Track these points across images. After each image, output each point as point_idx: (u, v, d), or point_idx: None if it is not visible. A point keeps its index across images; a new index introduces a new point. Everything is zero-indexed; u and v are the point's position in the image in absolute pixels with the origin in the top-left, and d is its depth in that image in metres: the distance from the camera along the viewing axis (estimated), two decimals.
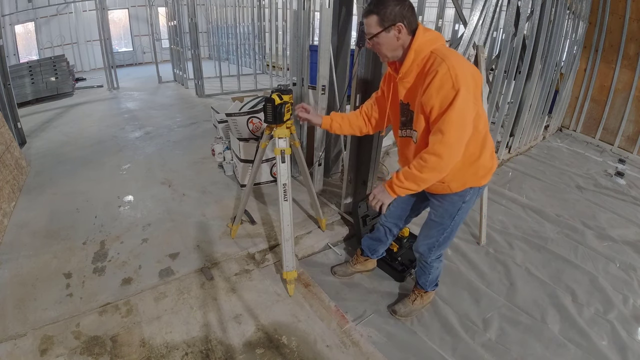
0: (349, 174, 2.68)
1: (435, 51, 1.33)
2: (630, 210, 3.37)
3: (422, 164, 1.35)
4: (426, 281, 1.95)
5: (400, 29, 1.35)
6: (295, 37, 2.83)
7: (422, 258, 1.86)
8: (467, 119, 1.31)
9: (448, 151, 1.31)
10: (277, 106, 1.95)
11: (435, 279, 1.96)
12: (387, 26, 1.35)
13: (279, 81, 7.60)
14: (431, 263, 1.86)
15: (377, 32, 1.37)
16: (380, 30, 1.36)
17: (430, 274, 1.91)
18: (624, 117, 4.88)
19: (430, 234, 1.76)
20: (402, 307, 1.99)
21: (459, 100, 1.26)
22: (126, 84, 7.77)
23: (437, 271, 1.93)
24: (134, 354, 1.67)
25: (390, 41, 1.38)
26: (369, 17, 1.37)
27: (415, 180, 1.38)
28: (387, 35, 1.37)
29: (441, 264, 1.92)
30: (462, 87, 1.25)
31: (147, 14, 9.58)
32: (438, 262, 1.88)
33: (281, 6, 7.96)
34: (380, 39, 1.38)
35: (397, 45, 1.39)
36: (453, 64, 1.27)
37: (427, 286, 1.97)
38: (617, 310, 2.13)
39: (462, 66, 1.28)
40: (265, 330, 1.83)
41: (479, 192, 1.62)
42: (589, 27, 5.13)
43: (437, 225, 1.70)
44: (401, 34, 1.36)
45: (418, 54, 1.36)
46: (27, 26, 8.74)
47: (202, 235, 2.54)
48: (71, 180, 3.29)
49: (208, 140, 4.22)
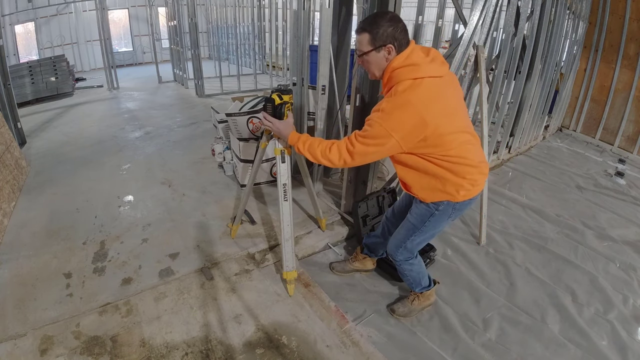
0: (349, 174, 2.68)
1: (402, 84, 1.37)
2: (630, 210, 3.37)
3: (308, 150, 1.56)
4: (409, 283, 1.95)
5: (390, 50, 1.39)
6: (295, 37, 2.83)
7: (390, 256, 1.87)
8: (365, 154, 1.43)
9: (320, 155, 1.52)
10: (277, 106, 1.95)
11: (416, 280, 1.92)
12: (378, 46, 1.40)
13: (279, 81, 7.61)
14: (400, 264, 1.85)
15: (368, 51, 1.43)
16: (371, 49, 1.41)
17: (406, 276, 1.90)
18: (624, 117, 4.88)
19: (400, 232, 1.78)
20: (400, 307, 2.00)
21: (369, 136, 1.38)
22: (126, 84, 7.77)
23: (412, 273, 1.89)
24: (134, 354, 1.67)
25: (379, 60, 1.43)
26: (362, 34, 1.42)
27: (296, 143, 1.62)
28: (377, 55, 1.42)
29: (414, 267, 1.87)
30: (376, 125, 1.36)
31: (147, 14, 9.58)
32: (408, 264, 1.84)
33: (281, 6, 7.96)
34: (370, 58, 1.44)
35: (382, 64, 1.44)
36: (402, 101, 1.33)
37: (413, 287, 1.96)
38: (617, 310, 2.13)
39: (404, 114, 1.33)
40: (265, 330, 1.83)
41: (456, 206, 1.59)
42: (589, 27, 5.13)
43: (408, 224, 1.72)
44: (390, 55, 1.41)
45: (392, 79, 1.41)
46: (27, 26, 8.74)
47: (202, 235, 2.54)
48: (71, 180, 3.29)
49: (208, 140, 4.22)
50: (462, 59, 2.68)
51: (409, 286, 1.99)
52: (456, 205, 1.58)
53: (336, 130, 3.11)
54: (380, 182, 3.20)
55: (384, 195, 2.62)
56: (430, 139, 1.37)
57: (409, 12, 7.05)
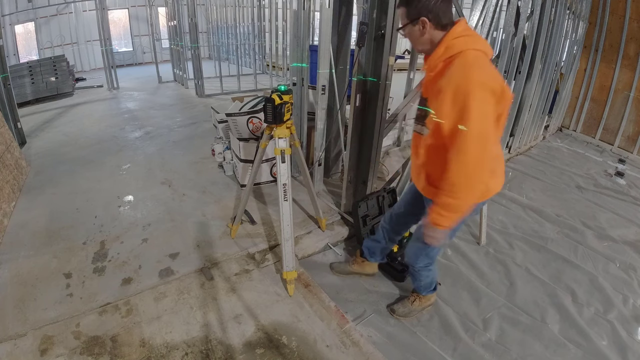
0: (349, 174, 2.68)
1: (464, 54, 1.27)
2: (630, 210, 3.37)
3: (452, 190, 1.30)
4: (419, 286, 1.95)
5: (424, 23, 1.33)
6: (295, 37, 2.83)
7: (409, 264, 1.86)
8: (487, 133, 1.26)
9: (472, 169, 1.27)
10: (277, 106, 1.95)
11: (428, 285, 1.94)
12: (412, 19, 1.35)
13: (279, 81, 7.60)
14: (419, 271, 1.84)
15: (404, 25, 1.40)
16: (406, 23, 1.38)
17: (420, 281, 1.90)
18: (624, 117, 4.88)
19: (418, 240, 1.72)
20: (400, 307, 2.00)
21: (474, 115, 1.21)
22: (126, 84, 7.77)
23: (428, 279, 1.90)
24: (134, 354, 1.67)
25: (416, 34, 1.38)
26: (399, 8, 1.40)
27: (455, 208, 1.34)
28: (413, 29, 1.37)
29: (431, 273, 1.88)
30: (477, 101, 1.20)
31: (147, 14, 9.59)
32: (426, 270, 1.84)
33: (281, 6, 7.96)
34: (406, 31, 1.40)
35: (423, 39, 1.37)
36: (473, 75, 1.22)
37: (421, 290, 1.96)
38: (617, 310, 2.13)
39: (484, 78, 1.22)
40: (265, 330, 1.83)
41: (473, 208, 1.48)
42: (589, 27, 5.13)
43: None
44: (426, 29, 1.34)
45: (448, 50, 1.31)
46: (27, 26, 8.74)
47: (202, 235, 2.54)
48: (71, 180, 3.29)
49: (208, 140, 4.22)
50: None
51: (416, 289, 1.97)
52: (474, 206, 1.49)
53: (336, 130, 3.11)
54: (380, 182, 3.20)
55: (384, 195, 2.62)
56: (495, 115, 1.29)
57: None
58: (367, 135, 2.53)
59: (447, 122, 1.28)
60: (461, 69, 1.25)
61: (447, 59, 1.31)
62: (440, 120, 1.30)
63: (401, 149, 4.35)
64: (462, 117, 1.23)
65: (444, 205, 1.35)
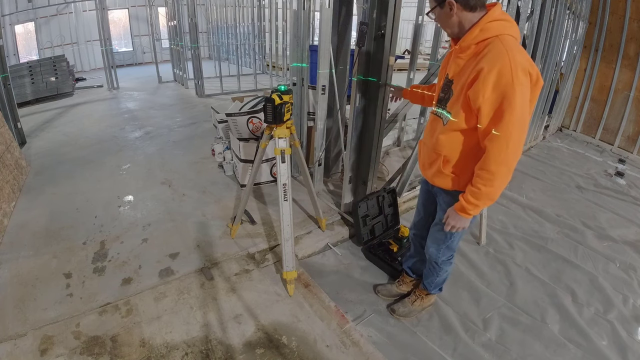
0: (349, 174, 2.67)
1: (501, 38, 1.24)
2: (630, 210, 3.37)
3: (490, 178, 1.28)
4: (432, 283, 1.92)
5: (452, 5, 1.29)
6: (295, 37, 2.83)
7: (432, 260, 1.83)
8: (527, 119, 1.24)
9: (513, 157, 1.25)
10: (277, 106, 1.95)
11: (441, 282, 1.93)
12: (440, 2, 1.33)
13: (279, 81, 7.60)
14: (441, 265, 1.82)
15: (432, 7, 1.38)
16: (435, 6, 1.36)
17: (439, 276, 1.88)
18: (624, 117, 4.88)
19: (437, 234, 1.73)
20: (401, 307, 1.99)
21: (518, 100, 1.18)
22: (126, 84, 7.77)
23: (446, 274, 1.90)
24: (134, 354, 1.67)
25: (444, 16, 1.35)
26: None
27: (488, 196, 1.33)
28: (441, 11, 1.35)
29: (451, 267, 1.87)
30: (521, 85, 1.18)
31: (147, 14, 9.59)
32: (448, 264, 1.83)
33: (281, 6, 7.96)
34: (436, 14, 1.38)
35: (452, 21, 1.34)
36: (516, 58, 1.19)
37: (431, 288, 1.94)
38: (617, 310, 2.13)
39: (525, 63, 1.20)
40: (265, 330, 1.83)
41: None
42: (589, 27, 5.13)
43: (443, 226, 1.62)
44: (453, 10, 1.30)
45: (483, 32, 1.28)
46: (27, 26, 8.74)
47: (202, 235, 2.54)
48: (71, 180, 3.29)
49: (208, 140, 4.22)
50: None
51: (427, 286, 1.95)
52: None
53: (336, 130, 3.11)
54: (380, 182, 3.20)
55: (384, 195, 2.62)
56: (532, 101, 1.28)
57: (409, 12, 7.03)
58: (367, 135, 2.53)
59: (486, 106, 1.24)
60: (504, 53, 1.21)
61: (481, 42, 1.29)
62: (476, 103, 1.26)
63: (401, 149, 4.35)
64: (505, 101, 1.20)
65: (477, 194, 1.33)
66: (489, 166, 1.28)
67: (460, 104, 1.34)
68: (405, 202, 3.05)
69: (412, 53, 3.98)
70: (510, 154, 1.25)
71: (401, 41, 13.62)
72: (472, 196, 1.35)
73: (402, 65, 7.82)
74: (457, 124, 1.38)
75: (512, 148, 1.24)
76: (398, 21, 2.20)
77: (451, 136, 1.43)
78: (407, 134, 4.64)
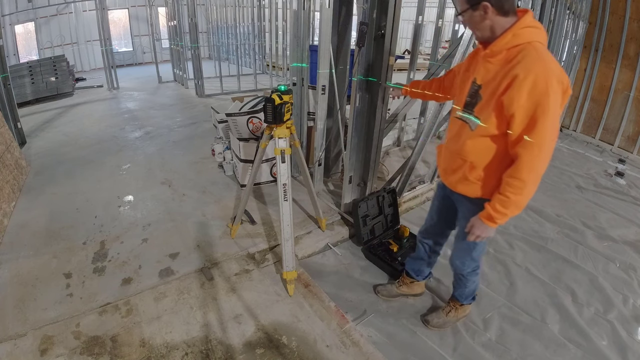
0: (349, 174, 2.67)
1: (534, 45, 1.24)
2: (630, 210, 3.37)
3: (521, 186, 1.28)
4: (462, 294, 1.89)
5: (486, 9, 1.26)
6: (295, 37, 2.83)
7: (457, 272, 1.81)
8: (557, 127, 1.25)
9: (543, 165, 1.25)
10: (277, 106, 1.95)
11: (472, 292, 1.90)
12: (473, 4, 1.29)
13: (279, 81, 7.60)
14: (467, 277, 1.79)
15: (465, 10, 1.33)
16: (467, 8, 1.31)
17: (467, 287, 1.85)
18: (624, 117, 4.89)
19: (461, 245, 1.70)
20: (435, 318, 1.94)
21: (552, 108, 1.18)
22: (126, 84, 7.77)
23: (474, 285, 1.86)
24: (134, 354, 1.67)
25: (476, 20, 1.32)
26: None
27: (517, 204, 1.32)
28: (473, 14, 1.31)
29: (477, 277, 1.84)
30: (555, 94, 1.19)
31: (147, 14, 9.58)
32: (474, 275, 1.79)
33: (281, 6, 7.96)
34: (466, 17, 1.34)
35: (484, 25, 1.31)
36: (551, 67, 1.19)
37: (462, 299, 1.91)
38: (617, 310, 2.13)
39: (558, 72, 1.21)
40: (265, 330, 1.83)
41: None
42: (589, 27, 5.13)
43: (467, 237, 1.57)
44: (487, 14, 1.28)
45: (515, 38, 1.27)
46: (27, 26, 8.73)
47: (202, 235, 2.54)
48: (71, 180, 3.29)
49: (208, 140, 4.22)
50: (462, 59, 2.68)
51: (457, 297, 1.91)
52: None
53: (336, 130, 3.11)
54: (380, 182, 3.20)
55: (384, 195, 2.62)
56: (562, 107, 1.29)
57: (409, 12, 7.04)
58: (367, 135, 2.53)
59: (519, 113, 1.23)
60: (539, 60, 1.20)
61: (513, 48, 1.27)
62: (510, 110, 1.24)
63: (401, 149, 4.35)
64: (539, 109, 1.20)
65: (505, 202, 1.32)
66: (521, 174, 1.27)
67: (491, 109, 1.32)
68: (405, 202, 3.05)
69: (412, 53, 3.99)
70: (541, 161, 1.25)
71: (401, 41, 13.61)
72: (500, 205, 1.34)
73: (402, 65, 7.82)
74: (486, 129, 1.35)
75: (543, 156, 1.24)
76: (398, 21, 2.20)
77: (479, 142, 1.40)
78: (407, 134, 4.64)
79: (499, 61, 1.31)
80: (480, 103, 1.37)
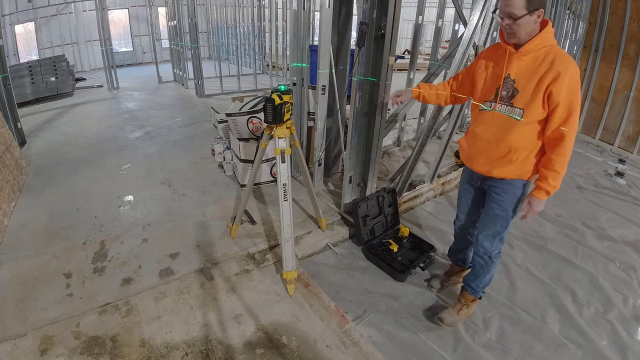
0: (349, 174, 2.67)
1: (556, 47, 1.49)
2: (630, 210, 3.37)
3: (564, 161, 1.51)
4: (480, 283, 1.92)
5: (541, 14, 1.44)
6: (295, 37, 2.83)
7: (486, 254, 1.84)
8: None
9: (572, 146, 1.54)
10: (277, 106, 1.95)
11: (488, 281, 1.94)
12: (532, 10, 1.42)
13: (279, 81, 7.60)
14: (494, 259, 1.85)
15: (523, 15, 1.43)
16: (526, 13, 1.43)
17: (489, 272, 1.89)
18: (624, 117, 4.89)
19: (494, 227, 1.78)
20: (448, 316, 1.94)
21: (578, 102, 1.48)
22: (126, 84, 7.77)
23: (494, 271, 1.92)
24: (134, 354, 1.67)
25: (528, 23, 1.45)
26: None
27: (562, 177, 1.55)
28: (530, 19, 1.44)
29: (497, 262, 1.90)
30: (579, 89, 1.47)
31: (147, 14, 9.59)
32: (499, 257, 1.88)
33: (281, 6, 7.96)
34: (523, 21, 1.45)
35: (531, 29, 1.47)
36: (576, 66, 1.46)
37: (479, 289, 1.94)
38: (617, 310, 2.13)
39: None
40: (265, 330, 1.83)
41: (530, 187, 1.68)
42: (589, 27, 5.13)
43: (500, 218, 1.74)
44: (540, 18, 1.45)
45: (544, 41, 1.48)
46: (27, 26, 8.73)
47: (202, 235, 2.54)
48: (71, 180, 3.29)
49: (208, 140, 4.22)
50: (462, 59, 2.68)
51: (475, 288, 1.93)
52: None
53: (336, 130, 3.11)
54: (380, 182, 3.20)
55: (384, 195, 2.62)
56: None
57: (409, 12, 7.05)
58: (367, 135, 2.53)
59: (564, 102, 1.46)
60: (570, 60, 1.46)
61: (540, 48, 1.48)
62: (556, 100, 1.46)
63: (401, 149, 4.35)
64: (575, 100, 1.46)
65: (556, 176, 1.54)
66: (565, 150, 1.50)
67: (534, 99, 1.50)
68: (405, 202, 3.05)
69: (412, 53, 3.98)
70: (573, 141, 1.52)
71: (401, 41, 13.61)
72: (552, 179, 1.54)
73: (402, 65, 7.82)
74: (531, 117, 1.53)
75: (574, 136, 1.52)
76: (398, 21, 2.20)
77: (524, 129, 1.57)
78: (407, 134, 4.64)
79: (529, 59, 1.51)
80: (518, 95, 1.54)
